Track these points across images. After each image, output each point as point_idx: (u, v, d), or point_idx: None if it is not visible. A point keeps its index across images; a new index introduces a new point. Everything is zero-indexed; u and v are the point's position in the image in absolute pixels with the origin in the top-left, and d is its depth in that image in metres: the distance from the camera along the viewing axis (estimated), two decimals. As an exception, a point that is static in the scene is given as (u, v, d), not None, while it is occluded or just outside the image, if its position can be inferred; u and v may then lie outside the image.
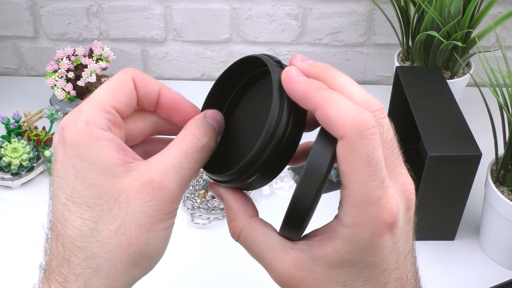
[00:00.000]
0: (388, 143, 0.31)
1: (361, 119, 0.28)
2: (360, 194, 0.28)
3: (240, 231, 0.33)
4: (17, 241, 0.76)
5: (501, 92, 0.66)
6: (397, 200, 0.30)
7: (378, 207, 0.29)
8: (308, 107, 0.29)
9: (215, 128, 0.35)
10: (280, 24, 1.05)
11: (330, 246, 0.30)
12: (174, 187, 0.31)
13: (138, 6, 1.04)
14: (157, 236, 0.32)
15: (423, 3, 0.83)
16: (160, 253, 0.33)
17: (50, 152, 0.85)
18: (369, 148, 0.28)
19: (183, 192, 0.33)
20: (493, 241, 0.71)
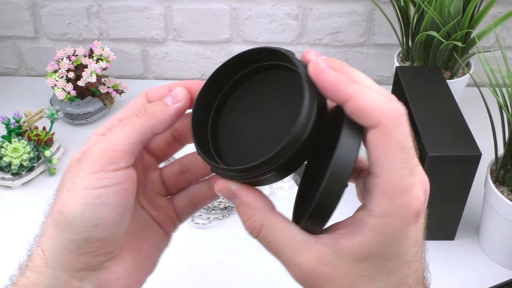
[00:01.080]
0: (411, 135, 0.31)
1: (394, 106, 0.28)
2: (393, 182, 0.28)
3: (261, 226, 0.32)
4: (17, 241, 0.76)
5: (500, 92, 0.66)
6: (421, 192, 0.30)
7: (408, 196, 0.29)
8: (338, 98, 0.29)
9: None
10: (280, 24, 1.05)
11: (356, 238, 0.30)
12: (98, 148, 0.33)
13: (138, 6, 1.04)
14: (75, 196, 0.32)
15: (423, 3, 0.83)
16: (81, 215, 0.32)
17: (50, 152, 0.85)
18: (403, 135, 0.28)
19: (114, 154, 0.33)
20: (493, 241, 0.71)
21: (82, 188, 0.32)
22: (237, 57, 0.35)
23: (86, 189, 0.32)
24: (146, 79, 1.15)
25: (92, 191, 0.32)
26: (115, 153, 0.33)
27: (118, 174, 0.33)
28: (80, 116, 0.96)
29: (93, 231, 0.33)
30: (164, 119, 0.35)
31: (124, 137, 0.34)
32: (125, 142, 0.34)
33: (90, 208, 0.32)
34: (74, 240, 0.33)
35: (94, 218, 0.33)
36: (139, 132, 0.34)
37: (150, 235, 0.40)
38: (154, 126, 0.34)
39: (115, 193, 0.33)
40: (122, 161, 0.33)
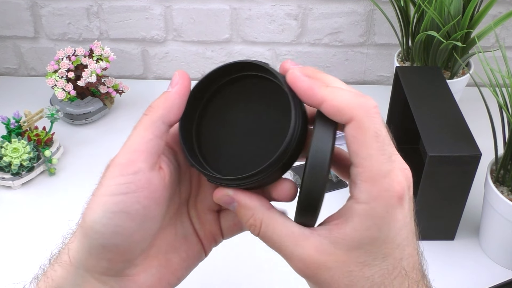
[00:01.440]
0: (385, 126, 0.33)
1: (364, 101, 0.31)
2: (372, 168, 0.31)
3: (261, 223, 0.34)
4: (17, 241, 0.76)
5: (500, 92, 0.66)
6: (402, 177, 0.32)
7: (389, 179, 0.31)
8: (313, 102, 0.32)
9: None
10: (280, 24, 1.05)
11: (349, 226, 0.32)
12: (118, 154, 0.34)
13: (138, 6, 1.04)
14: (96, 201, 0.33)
15: (423, 3, 0.83)
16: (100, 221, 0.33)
17: (50, 152, 0.85)
18: (376, 125, 0.31)
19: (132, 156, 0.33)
20: (493, 241, 0.71)
21: (102, 194, 0.33)
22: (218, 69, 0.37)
23: (105, 196, 0.33)
24: (146, 79, 1.15)
25: (111, 197, 0.32)
26: (132, 155, 0.33)
27: (136, 179, 0.33)
28: (80, 116, 0.96)
29: (111, 239, 0.33)
30: (169, 105, 0.34)
31: (137, 137, 0.34)
32: (139, 142, 0.33)
33: (106, 216, 0.32)
34: (94, 246, 0.33)
35: (112, 226, 0.33)
36: (150, 127, 0.34)
37: (185, 249, 0.39)
38: (163, 116, 0.34)
39: (134, 201, 0.33)
40: (141, 162, 0.33)
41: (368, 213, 0.31)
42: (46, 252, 0.40)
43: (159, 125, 0.34)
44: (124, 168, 0.33)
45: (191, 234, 0.40)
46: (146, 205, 0.33)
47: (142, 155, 0.33)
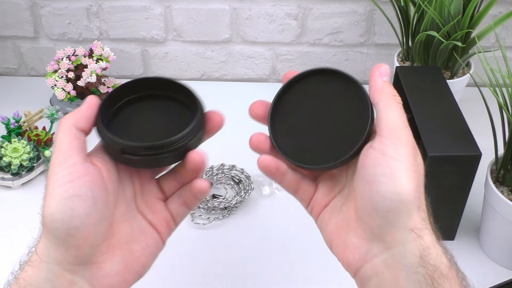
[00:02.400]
0: None
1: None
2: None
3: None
4: (17, 241, 0.76)
5: (501, 92, 0.66)
6: None
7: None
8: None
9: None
10: (280, 24, 1.05)
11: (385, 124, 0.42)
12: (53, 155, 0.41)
13: (138, 6, 1.04)
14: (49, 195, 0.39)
15: (423, 3, 0.83)
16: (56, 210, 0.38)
17: (50, 152, 0.85)
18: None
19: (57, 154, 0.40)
20: (493, 241, 0.71)
21: (51, 189, 0.38)
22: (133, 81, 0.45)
23: (54, 189, 0.38)
24: (146, 79, 1.14)
25: (60, 188, 0.38)
26: (65, 153, 0.39)
27: (76, 168, 0.38)
28: (80, 116, 0.96)
29: (70, 223, 0.37)
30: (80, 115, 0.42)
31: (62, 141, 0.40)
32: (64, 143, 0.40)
33: (61, 203, 0.38)
34: (58, 235, 0.38)
35: (68, 210, 0.37)
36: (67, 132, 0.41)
37: (143, 239, 0.44)
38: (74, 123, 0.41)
39: (81, 185, 0.38)
40: (74, 156, 0.39)
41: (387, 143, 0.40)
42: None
43: (73, 129, 0.41)
44: (62, 164, 0.39)
45: (146, 226, 0.44)
46: (92, 188, 0.39)
47: (73, 151, 0.39)
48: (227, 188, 0.82)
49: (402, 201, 0.37)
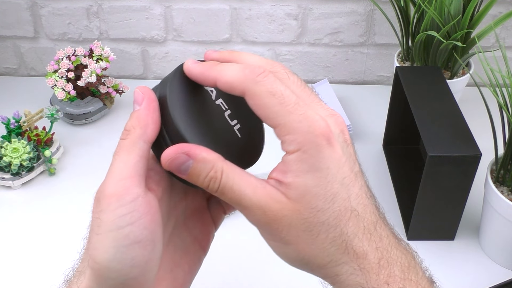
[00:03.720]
0: (295, 82, 0.34)
1: (248, 70, 0.32)
2: (285, 121, 0.32)
3: (222, 174, 0.33)
4: (17, 241, 0.76)
5: (501, 92, 0.66)
6: (326, 119, 0.33)
7: (306, 123, 0.32)
8: (210, 83, 0.34)
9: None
10: (280, 24, 1.05)
11: (289, 176, 0.32)
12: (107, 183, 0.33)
13: (138, 6, 1.04)
14: (103, 240, 0.32)
15: (423, 3, 0.83)
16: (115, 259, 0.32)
17: (50, 152, 0.85)
18: (267, 86, 0.32)
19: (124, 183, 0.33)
20: (493, 241, 0.71)
21: (107, 230, 0.32)
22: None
23: (111, 231, 0.32)
24: (146, 79, 1.15)
25: (119, 232, 0.32)
26: (126, 181, 0.32)
27: (137, 206, 0.32)
28: (80, 116, 0.96)
29: (129, 273, 0.33)
30: (143, 122, 0.34)
31: (122, 163, 0.33)
32: (128, 167, 0.33)
33: (120, 251, 0.32)
34: (113, 284, 0.33)
35: (127, 260, 0.32)
36: (132, 150, 0.34)
37: (187, 261, 0.40)
38: (142, 135, 0.34)
39: (142, 228, 0.32)
40: (135, 187, 0.33)
41: (301, 158, 0.32)
42: (45, 253, 0.40)
43: (141, 145, 0.34)
44: (121, 198, 0.32)
45: (189, 244, 0.40)
46: (153, 229, 0.33)
47: (135, 180, 0.33)
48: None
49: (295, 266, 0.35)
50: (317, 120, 0.32)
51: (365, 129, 0.95)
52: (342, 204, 0.33)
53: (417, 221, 0.72)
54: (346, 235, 0.33)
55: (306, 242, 0.33)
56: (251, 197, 0.33)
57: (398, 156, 0.88)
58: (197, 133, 0.34)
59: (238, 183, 0.33)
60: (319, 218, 0.32)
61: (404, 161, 0.87)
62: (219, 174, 0.33)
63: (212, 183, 0.33)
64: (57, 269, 0.42)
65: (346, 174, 0.33)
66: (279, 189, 0.33)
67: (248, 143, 0.37)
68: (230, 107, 0.37)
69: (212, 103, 0.37)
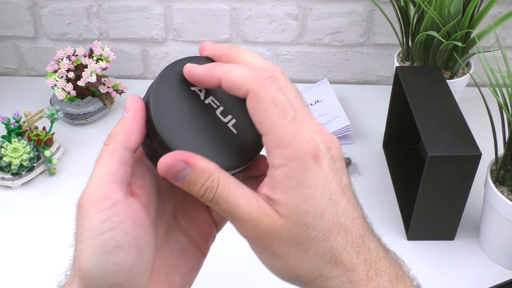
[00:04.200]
0: (292, 93, 0.34)
1: (257, 73, 0.32)
2: (278, 133, 0.32)
3: (218, 184, 0.33)
4: (17, 241, 0.76)
5: (501, 92, 0.66)
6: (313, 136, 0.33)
7: (298, 139, 0.32)
8: (215, 83, 0.34)
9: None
10: (280, 24, 1.05)
11: (278, 193, 0.32)
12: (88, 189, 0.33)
13: (138, 6, 1.04)
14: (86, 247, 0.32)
15: (423, 3, 0.83)
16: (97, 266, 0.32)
17: (50, 152, 0.85)
18: (272, 93, 0.32)
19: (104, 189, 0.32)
20: (493, 241, 0.71)
21: (89, 237, 0.31)
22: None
23: (92, 238, 0.31)
24: (146, 79, 1.15)
25: (99, 238, 0.31)
26: (104, 187, 0.32)
27: (117, 211, 0.32)
28: (80, 116, 0.96)
29: (114, 279, 0.32)
30: (127, 130, 0.34)
31: (103, 168, 0.33)
32: (106, 173, 0.33)
33: (102, 257, 0.31)
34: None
35: (110, 266, 0.32)
36: (113, 156, 0.33)
37: (184, 264, 0.39)
38: (124, 142, 0.34)
39: (123, 233, 0.32)
40: (114, 193, 0.32)
41: (288, 175, 0.32)
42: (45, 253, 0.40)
43: (122, 151, 0.33)
44: (100, 204, 0.32)
45: (186, 246, 0.39)
46: (135, 233, 0.32)
47: (114, 186, 0.32)
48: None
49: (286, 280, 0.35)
50: (307, 139, 0.32)
51: (365, 129, 0.95)
52: (330, 220, 0.33)
53: (417, 221, 0.72)
54: (335, 249, 0.33)
55: (297, 257, 0.33)
56: (245, 209, 0.33)
57: (398, 156, 0.88)
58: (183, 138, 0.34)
59: (233, 194, 0.33)
60: (309, 234, 0.33)
61: (404, 161, 0.87)
62: (216, 184, 0.33)
63: (207, 192, 0.33)
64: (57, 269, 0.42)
65: (334, 189, 0.33)
66: (270, 204, 0.33)
67: (247, 137, 0.36)
68: (222, 103, 0.36)
69: (201, 103, 0.36)
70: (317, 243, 0.33)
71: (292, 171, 0.32)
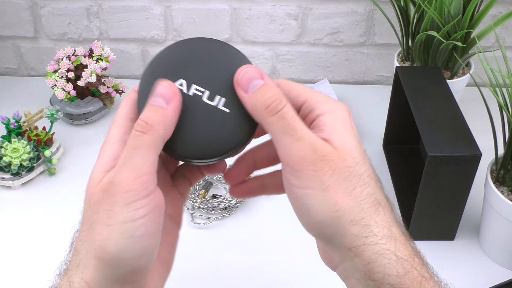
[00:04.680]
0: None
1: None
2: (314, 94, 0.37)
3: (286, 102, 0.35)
4: (17, 241, 0.76)
5: (501, 92, 0.66)
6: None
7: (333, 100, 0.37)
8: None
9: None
10: (280, 24, 1.05)
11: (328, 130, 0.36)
12: (124, 178, 0.33)
13: (138, 6, 1.04)
14: (115, 231, 0.33)
15: (423, 3, 0.83)
16: (126, 250, 0.33)
17: (50, 152, 0.85)
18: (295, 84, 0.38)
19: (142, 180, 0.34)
20: (493, 241, 0.71)
21: (120, 222, 0.33)
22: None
23: (125, 223, 0.33)
24: (146, 79, 1.14)
25: (132, 224, 0.33)
26: (143, 178, 0.34)
27: (150, 201, 0.34)
28: (80, 116, 0.96)
29: (137, 262, 0.34)
30: (168, 124, 0.35)
31: (144, 159, 0.34)
32: (146, 164, 0.34)
33: (133, 242, 0.33)
34: (121, 274, 0.34)
35: (137, 250, 0.34)
36: (153, 148, 0.34)
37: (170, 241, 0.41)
38: (163, 136, 0.35)
39: (152, 221, 0.34)
40: (151, 184, 0.34)
41: (335, 118, 0.36)
42: (45, 253, 0.40)
43: (160, 145, 0.35)
44: (138, 193, 0.33)
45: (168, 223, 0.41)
46: (159, 221, 0.35)
47: (151, 177, 0.34)
48: (227, 188, 0.82)
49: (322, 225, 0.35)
50: (342, 104, 0.37)
51: (365, 129, 0.95)
52: (369, 168, 0.36)
53: (417, 221, 0.72)
54: (376, 196, 0.35)
55: (345, 191, 0.34)
56: (306, 132, 0.35)
57: (398, 156, 0.88)
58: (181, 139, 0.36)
59: (297, 117, 0.35)
60: (358, 170, 0.35)
61: (404, 161, 0.87)
62: (284, 101, 0.35)
63: (276, 103, 0.35)
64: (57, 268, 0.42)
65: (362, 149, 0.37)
66: (323, 139, 0.35)
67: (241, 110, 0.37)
68: (208, 87, 0.37)
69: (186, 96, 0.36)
70: (363, 183, 0.35)
71: (335, 115, 0.36)
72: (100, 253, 0.34)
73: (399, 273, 0.34)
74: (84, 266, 0.35)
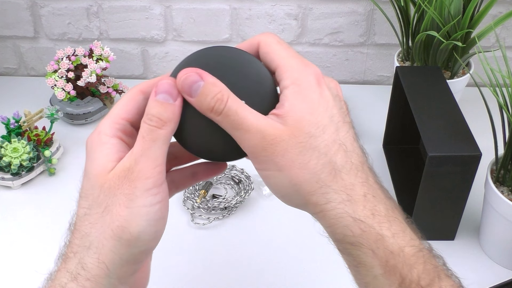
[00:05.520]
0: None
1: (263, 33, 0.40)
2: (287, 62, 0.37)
3: (228, 98, 0.36)
4: (17, 241, 0.76)
5: (501, 92, 0.66)
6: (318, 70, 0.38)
7: (303, 65, 0.38)
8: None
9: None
10: (280, 24, 1.05)
11: (286, 105, 0.36)
12: (144, 166, 0.36)
13: (138, 6, 1.04)
14: (137, 213, 0.36)
15: (423, 3, 0.83)
16: (145, 231, 0.36)
17: (50, 152, 0.85)
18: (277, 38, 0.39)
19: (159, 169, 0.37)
20: (493, 241, 0.71)
21: (141, 205, 0.36)
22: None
23: (145, 207, 0.36)
24: (146, 79, 1.15)
25: (151, 207, 0.36)
26: (160, 168, 0.37)
27: (164, 188, 0.38)
28: (80, 116, 0.96)
29: (150, 243, 0.38)
30: (176, 119, 0.38)
31: (161, 150, 0.37)
32: (162, 155, 0.37)
33: (151, 224, 0.37)
34: (135, 253, 0.37)
35: (153, 232, 0.37)
36: (167, 142, 0.38)
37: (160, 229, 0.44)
38: (173, 131, 0.38)
39: (165, 207, 0.38)
40: (164, 174, 0.38)
41: (295, 90, 0.37)
42: (45, 252, 0.41)
43: (170, 138, 0.38)
44: (156, 181, 0.37)
45: None
46: (168, 207, 0.38)
47: (164, 167, 0.38)
48: (227, 188, 0.82)
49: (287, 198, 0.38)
50: (312, 66, 0.38)
51: (365, 129, 0.95)
52: (331, 136, 0.36)
53: (417, 221, 0.72)
54: (335, 164, 0.36)
55: (299, 167, 0.36)
56: (253, 121, 0.36)
57: (398, 156, 0.88)
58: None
59: (241, 108, 0.36)
60: (312, 143, 0.36)
61: (404, 161, 0.87)
62: (226, 98, 0.36)
63: (218, 103, 0.36)
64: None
65: (335, 114, 0.37)
66: (277, 119, 0.36)
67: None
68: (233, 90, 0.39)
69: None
70: (318, 154, 0.36)
71: (298, 88, 0.36)
72: (119, 233, 0.36)
73: (355, 234, 0.36)
74: (98, 248, 0.37)
